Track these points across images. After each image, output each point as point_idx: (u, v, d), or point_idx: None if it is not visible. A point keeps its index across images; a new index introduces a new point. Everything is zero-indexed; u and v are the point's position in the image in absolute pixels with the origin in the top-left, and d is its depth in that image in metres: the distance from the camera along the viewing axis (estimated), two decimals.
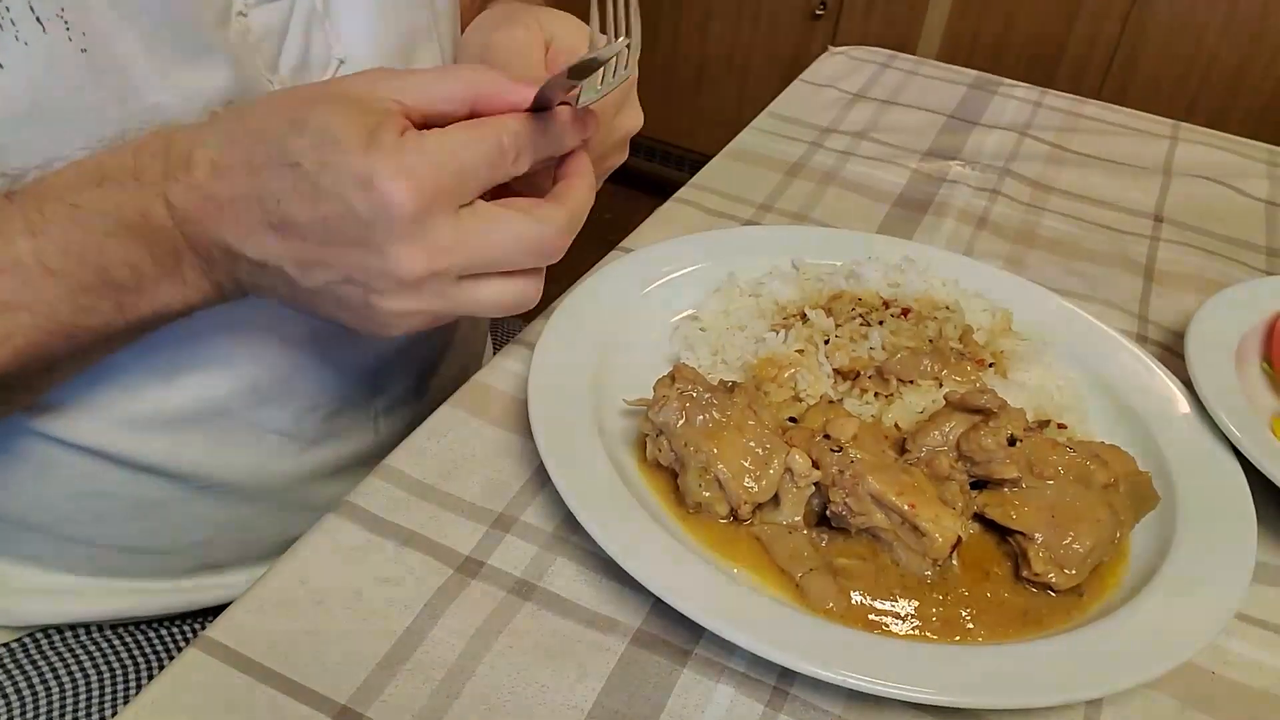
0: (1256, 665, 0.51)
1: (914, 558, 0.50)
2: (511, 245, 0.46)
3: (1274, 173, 0.98)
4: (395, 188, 0.42)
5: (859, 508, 0.50)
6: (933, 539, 0.49)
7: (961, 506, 0.52)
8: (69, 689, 0.64)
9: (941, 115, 1.03)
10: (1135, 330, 0.75)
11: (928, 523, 0.49)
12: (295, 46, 0.55)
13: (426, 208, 0.43)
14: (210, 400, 0.58)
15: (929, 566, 0.50)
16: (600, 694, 0.46)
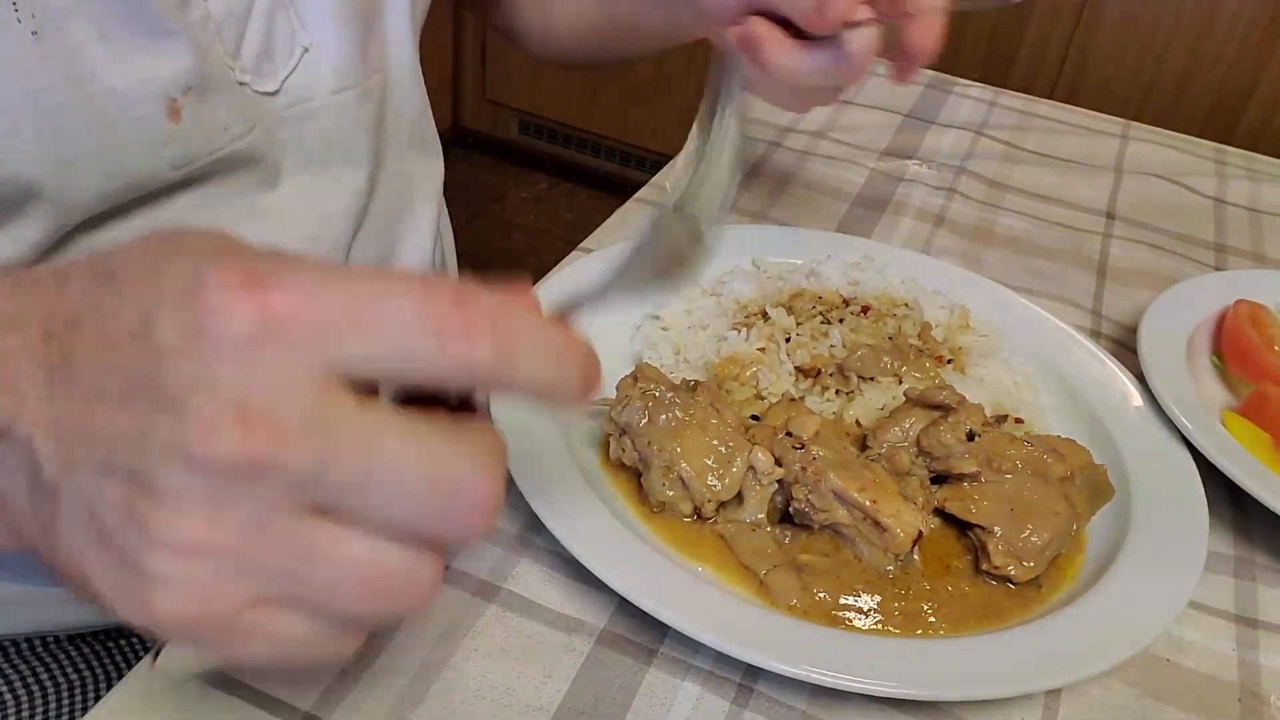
0: (1209, 652, 0.53)
1: (876, 553, 0.51)
2: (410, 468, 0.27)
3: (1222, 170, 1.00)
4: (229, 295, 0.26)
5: (821, 504, 0.50)
6: (894, 534, 0.49)
7: (922, 502, 0.52)
8: (25, 701, 0.62)
9: (898, 115, 1.04)
10: (1089, 325, 0.76)
11: (889, 518, 0.49)
12: (258, 33, 0.54)
13: (272, 334, 0.26)
14: None
15: (891, 561, 0.51)
16: (566, 695, 0.46)
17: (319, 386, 0.26)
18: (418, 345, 0.27)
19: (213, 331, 0.26)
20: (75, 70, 0.46)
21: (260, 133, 0.55)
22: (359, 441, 0.27)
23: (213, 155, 0.53)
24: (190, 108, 0.50)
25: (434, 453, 0.27)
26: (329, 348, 0.26)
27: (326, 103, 0.59)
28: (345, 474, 0.27)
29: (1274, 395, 0.64)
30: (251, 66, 0.54)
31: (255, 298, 0.26)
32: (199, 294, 0.26)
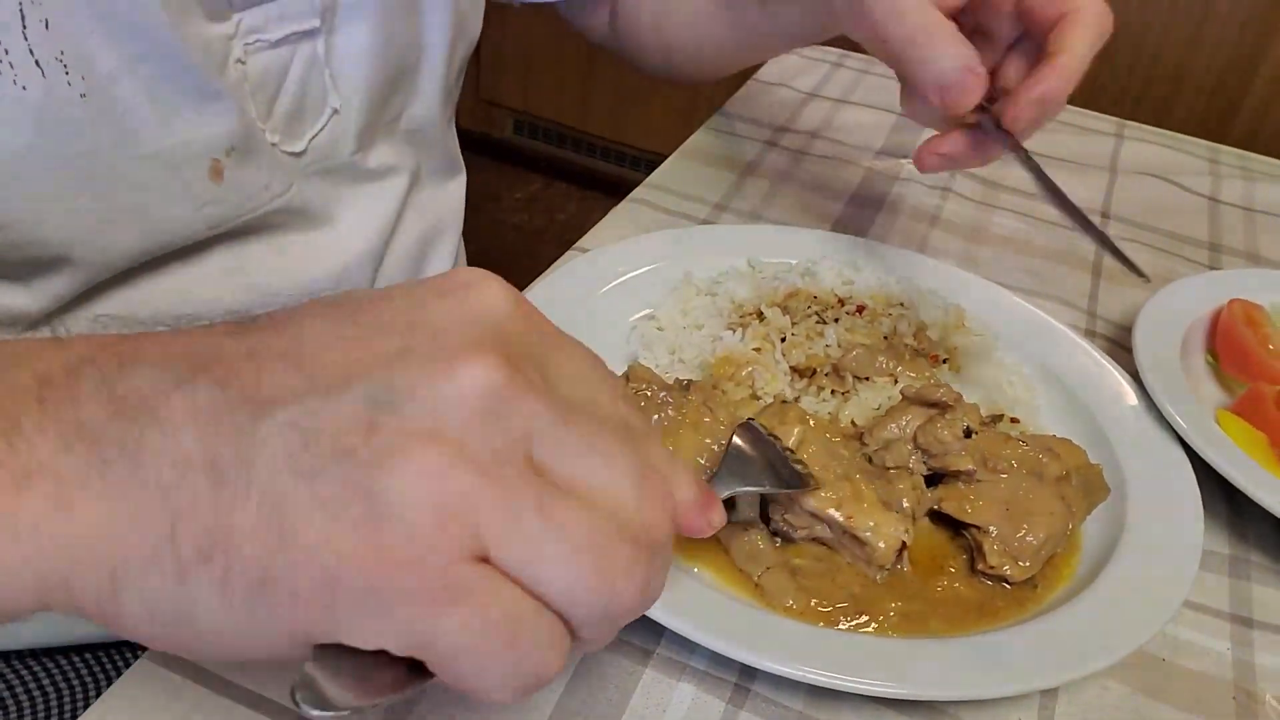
0: (1204, 651, 0.53)
1: (862, 564, 0.51)
2: (625, 450, 0.31)
3: (1216, 170, 1.01)
4: (503, 289, 0.32)
5: (798, 522, 0.50)
6: (875, 548, 0.49)
7: (910, 506, 0.52)
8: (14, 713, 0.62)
9: (893, 114, 1.04)
10: (1084, 325, 0.76)
11: (868, 532, 0.49)
12: (291, 94, 0.54)
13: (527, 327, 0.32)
14: None
15: (877, 572, 0.50)
16: (562, 695, 0.46)
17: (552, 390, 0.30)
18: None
19: (498, 307, 0.31)
20: (122, 131, 0.45)
21: (297, 190, 0.56)
22: (586, 420, 0.30)
23: (253, 213, 0.54)
24: (232, 168, 0.50)
25: (635, 452, 0.31)
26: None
27: (347, 160, 0.60)
28: (573, 433, 0.29)
29: (1269, 394, 0.64)
30: (281, 127, 0.54)
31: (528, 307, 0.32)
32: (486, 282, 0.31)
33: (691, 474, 0.35)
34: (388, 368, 0.28)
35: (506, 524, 0.28)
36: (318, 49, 0.54)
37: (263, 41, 0.51)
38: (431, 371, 0.28)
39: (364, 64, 0.56)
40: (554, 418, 0.29)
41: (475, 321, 0.30)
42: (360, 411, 0.27)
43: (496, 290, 0.31)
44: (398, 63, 0.60)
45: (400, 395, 0.28)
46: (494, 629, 0.28)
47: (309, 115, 0.56)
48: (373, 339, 0.29)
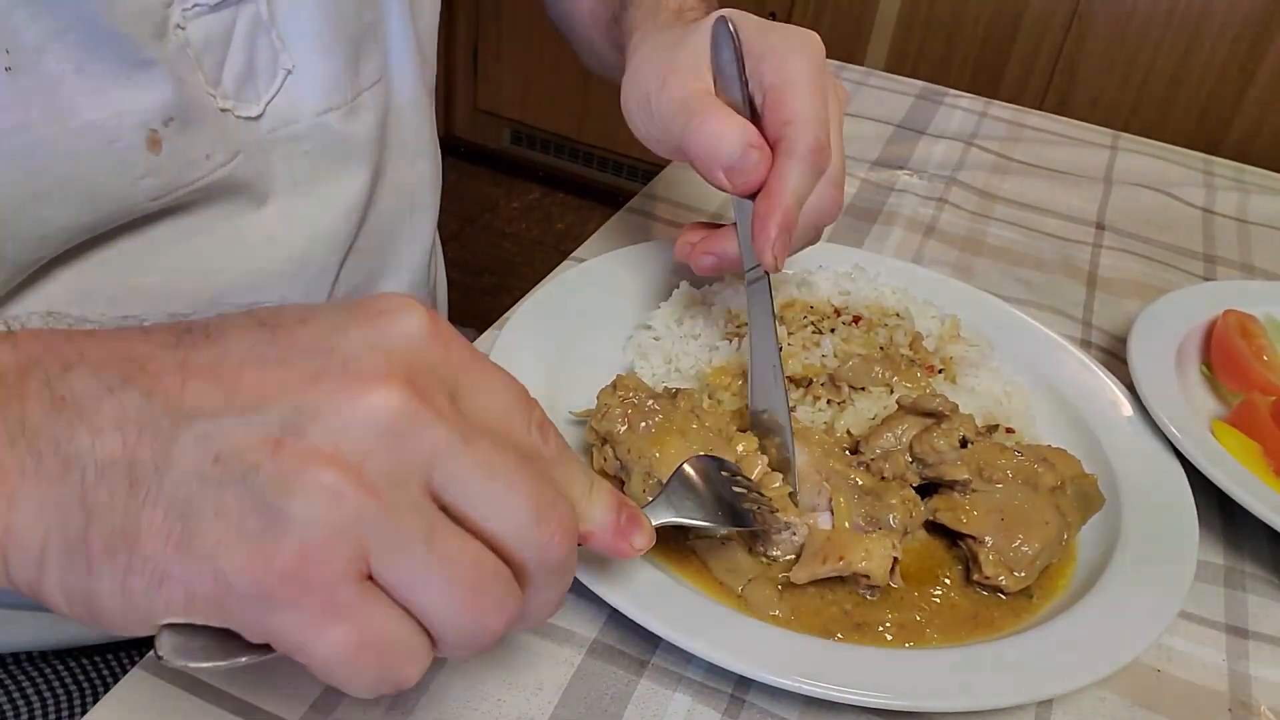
0: (1199, 661, 0.53)
1: (853, 584, 0.50)
2: (520, 479, 0.33)
3: (1210, 181, 1.01)
4: (421, 317, 0.33)
5: (783, 551, 0.50)
6: (870, 573, 0.49)
7: (900, 520, 0.52)
8: (10, 717, 0.62)
9: (889, 125, 1.04)
10: (1079, 335, 0.77)
11: (862, 564, 0.49)
12: (239, 57, 0.53)
13: (443, 354, 0.33)
14: None
15: (870, 591, 0.50)
16: (557, 706, 0.46)
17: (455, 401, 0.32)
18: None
19: (411, 322, 0.32)
20: (52, 105, 0.45)
21: (244, 159, 0.55)
22: (488, 445, 0.32)
23: (194, 184, 0.52)
24: (171, 138, 0.50)
25: (538, 478, 0.33)
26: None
27: (312, 124, 0.58)
28: (474, 461, 0.31)
29: (1263, 405, 0.64)
30: (233, 92, 0.53)
31: (434, 322, 0.33)
32: (399, 304, 0.33)
33: (613, 498, 0.37)
34: (299, 391, 0.30)
35: (392, 548, 0.30)
36: (260, 9, 0.53)
37: (202, 6, 0.50)
38: (338, 396, 0.30)
39: (311, 21, 0.56)
40: (456, 445, 0.31)
41: (388, 349, 0.32)
42: (270, 431, 0.29)
43: (415, 318, 0.33)
44: (353, 22, 0.59)
45: (306, 418, 0.30)
46: (367, 648, 0.30)
47: (261, 78, 0.55)
48: (291, 361, 0.31)
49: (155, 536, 0.29)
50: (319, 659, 0.30)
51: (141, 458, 0.29)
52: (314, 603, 0.29)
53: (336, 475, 0.29)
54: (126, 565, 0.29)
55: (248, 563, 0.29)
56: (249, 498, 0.29)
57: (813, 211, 0.56)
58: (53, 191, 0.47)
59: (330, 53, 0.57)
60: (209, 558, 0.29)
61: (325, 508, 0.29)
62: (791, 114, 0.54)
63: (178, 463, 0.29)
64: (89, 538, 0.29)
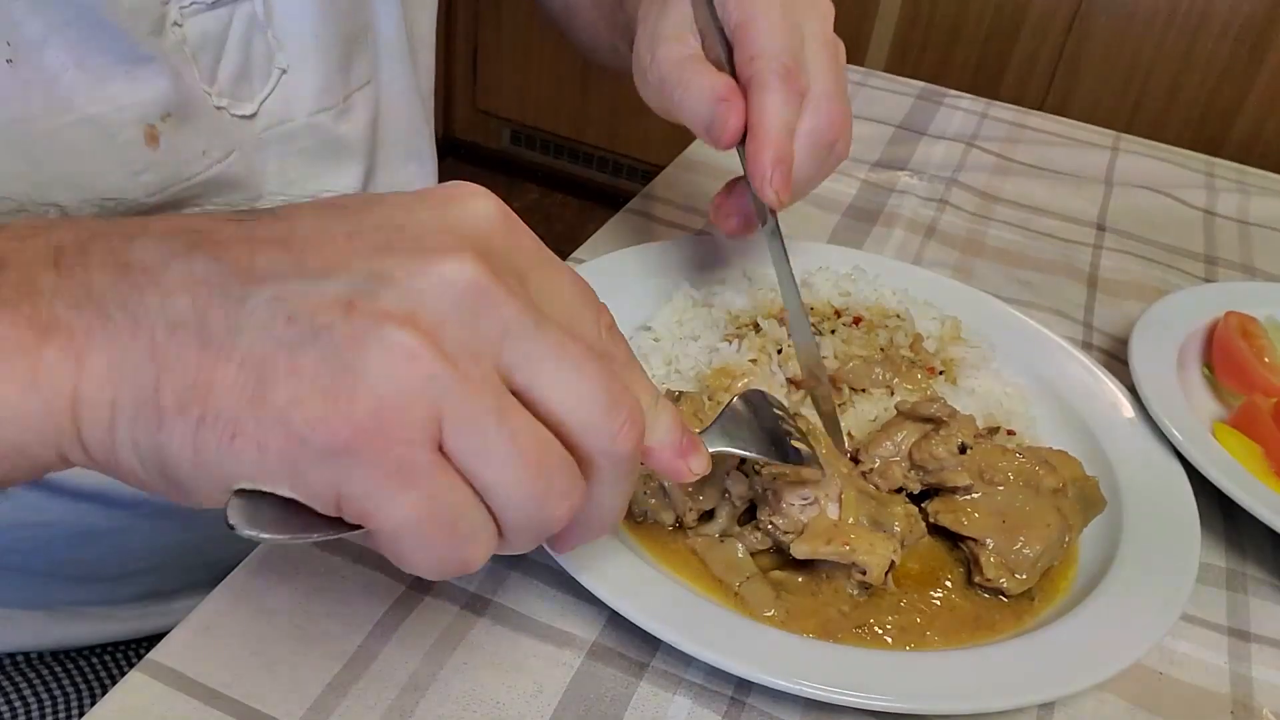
0: (1201, 664, 0.52)
1: (844, 579, 0.50)
2: (594, 369, 0.32)
3: (1211, 183, 1.01)
4: (493, 203, 0.34)
5: (786, 526, 0.50)
6: (867, 569, 0.49)
7: (901, 531, 0.52)
8: (8, 718, 0.62)
9: (890, 126, 1.04)
10: (1080, 337, 0.76)
11: (864, 556, 0.48)
12: (234, 56, 0.53)
13: (514, 242, 0.34)
14: None
15: (857, 588, 0.50)
16: (557, 709, 0.46)
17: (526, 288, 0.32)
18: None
19: (484, 216, 0.32)
20: (52, 98, 0.45)
21: (239, 156, 0.55)
22: (560, 330, 0.31)
23: (191, 180, 0.53)
24: (168, 134, 0.50)
25: (609, 370, 0.33)
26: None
27: (305, 123, 0.59)
28: (547, 343, 0.31)
29: (1264, 406, 0.64)
30: (228, 90, 0.54)
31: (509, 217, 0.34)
32: (477, 193, 0.33)
33: (676, 416, 0.36)
34: (371, 259, 0.30)
35: (464, 419, 0.30)
36: (256, 8, 0.53)
37: (199, 4, 0.50)
38: (412, 264, 0.30)
39: (307, 21, 0.56)
40: (528, 325, 0.31)
41: (460, 228, 0.32)
42: (342, 293, 0.29)
43: (485, 204, 0.33)
44: (346, 24, 0.59)
45: (380, 282, 0.30)
46: (436, 517, 0.30)
47: (256, 77, 0.55)
48: (361, 235, 0.31)
49: (228, 392, 0.29)
50: (389, 525, 0.30)
51: (212, 318, 0.29)
52: (388, 461, 0.29)
53: (412, 335, 0.29)
54: (199, 419, 0.29)
55: (323, 416, 0.28)
56: (323, 355, 0.29)
57: (812, 132, 0.55)
58: (54, 183, 0.47)
59: (323, 53, 0.57)
60: (283, 412, 0.29)
61: (401, 365, 0.29)
62: (755, 48, 0.53)
63: (249, 323, 0.29)
64: (160, 392, 0.29)
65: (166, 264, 0.30)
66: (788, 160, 0.53)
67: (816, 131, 0.55)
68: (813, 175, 0.57)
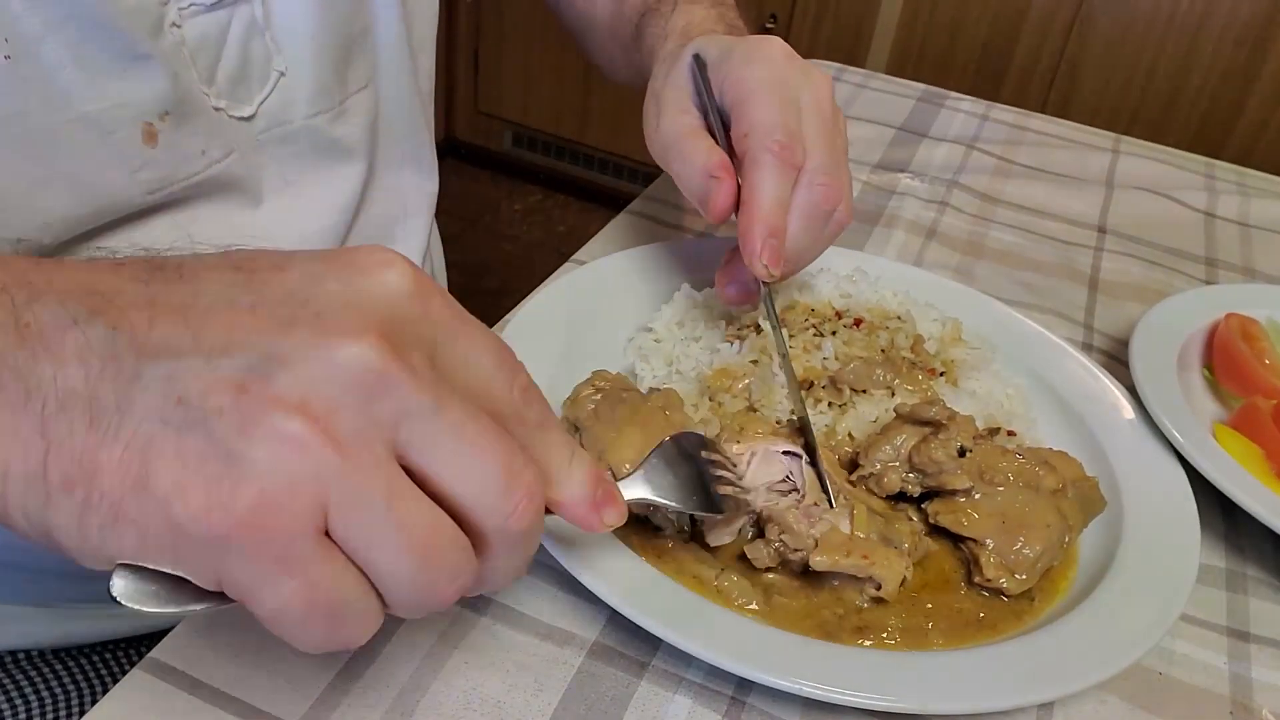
0: (1201, 665, 0.52)
1: (850, 590, 0.50)
2: (490, 443, 0.32)
3: (1212, 185, 1.01)
4: (403, 272, 0.32)
5: (795, 544, 0.50)
6: (885, 584, 0.49)
7: (910, 545, 0.51)
8: (9, 716, 0.62)
9: (890, 128, 1.04)
10: (1081, 339, 0.77)
11: (880, 571, 0.49)
12: (233, 58, 0.53)
13: (423, 311, 0.32)
14: None
15: (865, 600, 0.50)
16: (557, 708, 0.46)
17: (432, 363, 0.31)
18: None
19: (391, 281, 0.31)
20: (50, 94, 0.45)
21: (238, 157, 0.55)
22: (460, 409, 0.31)
23: (190, 179, 0.53)
24: (167, 132, 0.50)
25: (509, 445, 0.32)
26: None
27: (302, 125, 0.59)
28: (444, 424, 0.30)
29: (1265, 408, 0.64)
30: (226, 91, 0.54)
31: (421, 281, 0.32)
32: (389, 262, 0.31)
33: (591, 470, 0.36)
34: (269, 337, 0.30)
35: (351, 507, 0.29)
36: (255, 11, 0.53)
37: (198, 5, 0.51)
38: (309, 346, 0.29)
39: (305, 25, 0.56)
40: (426, 407, 0.30)
41: (366, 303, 0.31)
42: (236, 374, 0.29)
43: (397, 273, 0.32)
44: (345, 27, 0.59)
45: (275, 364, 0.29)
46: (316, 603, 0.30)
47: (255, 79, 0.55)
48: (263, 308, 0.30)
49: (113, 473, 0.29)
50: (269, 610, 0.30)
51: (103, 394, 0.29)
52: (269, 553, 0.29)
53: (301, 425, 0.28)
54: (84, 500, 0.29)
55: (204, 507, 0.28)
56: (210, 441, 0.28)
57: (806, 205, 0.55)
58: (52, 179, 0.47)
59: (321, 57, 0.58)
60: (165, 500, 0.28)
61: (287, 457, 0.28)
62: (749, 124, 0.54)
63: (139, 402, 0.29)
64: (48, 469, 0.29)
65: (64, 331, 0.29)
66: (779, 235, 0.54)
67: (811, 204, 0.56)
68: (810, 246, 0.58)
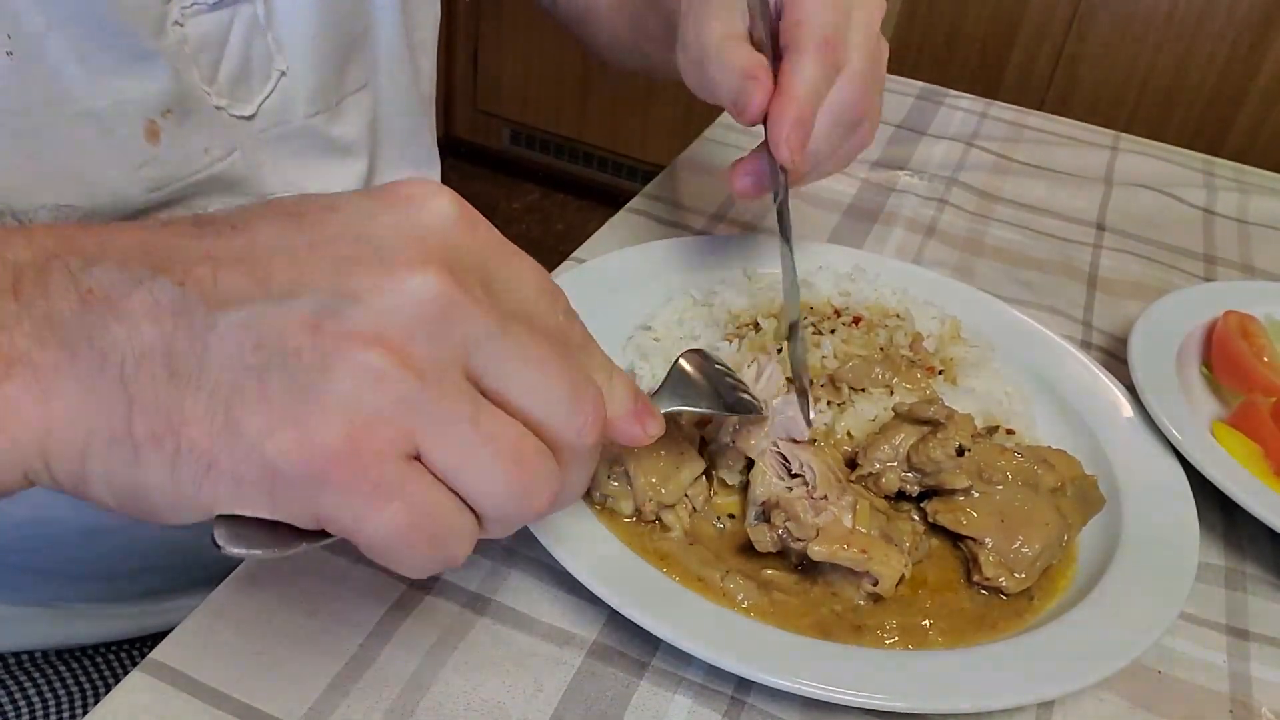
0: (1200, 663, 0.53)
1: (848, 587, 0.50)
2: (557, 365, 0.33)
3: (1210, 182, 1.01)
4: (450, 201, 0.33)
5: (799, 533, 0.50)
6: (882, 580, 0.49)
7: (910, 544, 0.51)
8: (10, 717, 0.62)
9: (890, 125, 1.04)
10: (1080, 336, 0.77)
11: (878, 566, 0.49)
12: (235, 57, 0.54)
13: (472, 238, 0.33)
14: None
15: (863, 597, 0.50)
16: (557, 708, 0.46)
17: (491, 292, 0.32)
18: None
19: (444, 214, 0.32)
20: (53, 91, 0.46)
21: (240, 156, 0.55)
22: (522, 331, 0.32)
23: (191, 177, 0.53)
24: (169, 130, 0.50)
25: (571, 362, 0.33)
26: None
27: (302, 125, 0.59)
28: (513, 347, 0.31)
29: (1264, 406, 0.64)
30: (228, 90, 0.54)
31: (470, 216, 0.33)
32: (438, 193, 0.32)
33: (630, 385, 0.38)
34: (335, 276, 0.30)
35: (439, 430, 0.30)
36: (257, 11, 0.53)
37: (200, 4, 0.51)
38: (377, 280, 0.30)
39: (307, 25, 0.56)
40: (492, 330, 0.31)
41: (421, 234, 0.32)
42: (308, 314, 0.29)
43: (443, 203, 0.33)
44: (345, 28, 0.59)
45: (345, 302, 0.29)
46: (417, 526, 0.30)
47: (256, 78, 0.55)
48: (322, 247, 0.31)
49: (200, 422, 0.29)
50: (371, 539, 0.30)
51: (180, 347, 0.29)
52: (363, 483, 0.29)
53: (379, 355, 0.29)
54: (174, 452, 0.29)
55: (294, 446, 0.28)
56: (293, 381, 0.29)
57: (837, 104, 0.55)
58: (55, 176, 0.47)
59: (321, 57, 0.58)
60: (256, 442, 0.29)
61: (370, 388, 0.29)
62: (801, 14, 0.54)
63: (216, 350, 0.29)
64: (133, 425, 0.29)
65: (130, 293, 0.29)
66: (807, 123, 0.53)
67: (842, 105, 0.55)
68: (829, 154, 0.57)
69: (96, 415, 0.29)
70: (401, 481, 0.30)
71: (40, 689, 0.64)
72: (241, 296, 0.30)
